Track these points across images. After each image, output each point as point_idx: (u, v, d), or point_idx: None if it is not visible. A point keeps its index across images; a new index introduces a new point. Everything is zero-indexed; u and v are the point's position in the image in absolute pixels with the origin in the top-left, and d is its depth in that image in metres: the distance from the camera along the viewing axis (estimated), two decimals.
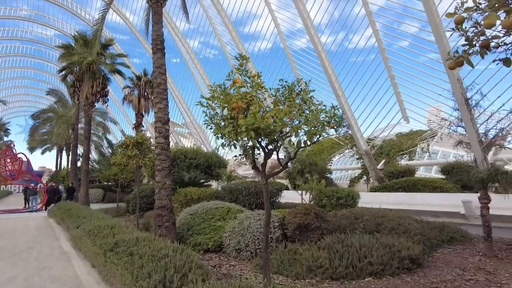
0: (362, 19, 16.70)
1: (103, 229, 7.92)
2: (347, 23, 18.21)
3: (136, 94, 27.77)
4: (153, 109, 27.53)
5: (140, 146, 11.70)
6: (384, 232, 7.84)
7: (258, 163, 5.42)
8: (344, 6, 17.57)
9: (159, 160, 8.40)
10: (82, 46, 21.12)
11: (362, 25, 16.91)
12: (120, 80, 38.85)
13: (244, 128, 4.23)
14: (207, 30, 27.37)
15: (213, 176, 21.08)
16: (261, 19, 22.90)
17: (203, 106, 4.86)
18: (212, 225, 8.71)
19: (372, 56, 17.67)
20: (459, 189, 14.72)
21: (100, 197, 28.93)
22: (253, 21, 23.96)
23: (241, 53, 5.01)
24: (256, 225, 7.31)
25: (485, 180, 7.11)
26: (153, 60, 8.95)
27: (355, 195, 12.10)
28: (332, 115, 4.67)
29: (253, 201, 11.26)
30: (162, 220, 8.01)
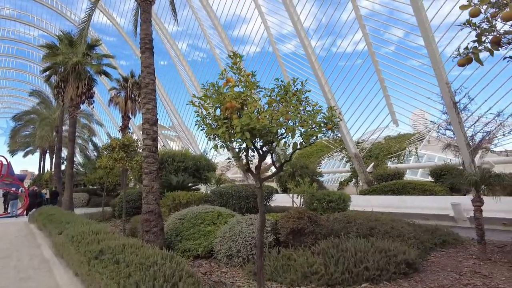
0: (352, 23, 16.78)
1: (87, 235, 7.55)
2: (337, 26, 18.29)
3: (122, 96, 27.23)
4: (141, 110, 27.05)
5: (126, 148, 11.34)
6: (377, 236, 7.74)
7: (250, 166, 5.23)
8: (334, 9, 17.64)
9: (147, 163, 8.09)
10: (67, 46, 20.54)
11: (352, 29, 17.02)
12: (106, 81, 38.13)
13: (239, 128, 4.03)
14: (196, 32, 27.15)
15: (201, 180, 20.73)
16: (250, 22, 22.87)
17: (194, 105, 4.63)
18: (202, 230, 8.43)
19: (362, 59, 17.76)
20: (447, 192, 14.83)
21: (85, 201, 28.13)
22: (242, 24, 23.90)
23: (235, 51, 4.80)
24: (248, 230, 7.08)
25: (479, 182, 7.08)
26: (141, 60, 8.66)
27: (346, 198, 12.01)
28: (329, 116, 4.50)
29: (243, 205, 11.02)
30: (149, 226, 7.69)
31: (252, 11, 22.25)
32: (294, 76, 5.00)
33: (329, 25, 18.77)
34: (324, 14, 18.07)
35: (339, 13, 17.77)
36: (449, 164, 16.02)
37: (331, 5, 17.72)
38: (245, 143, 4.18)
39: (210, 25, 24.67)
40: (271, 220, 7.63)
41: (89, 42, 21.85)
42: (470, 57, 2.62)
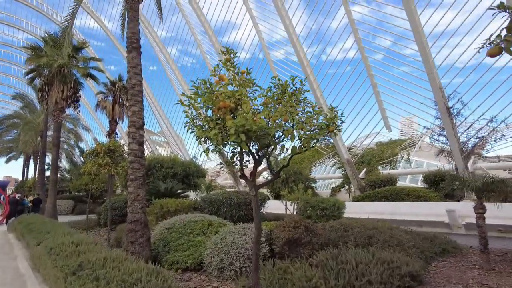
0: (344, 27, 16.65)
1: (66, 247, 6.97)
2: (329, 31, 18.16)
3: (110, 100, 26.58)
4: (127, 113, 26.42)
5: (112, 153, 10.78)
6: (376, 245, 7.38)
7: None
8: (326, 14, 17.51)
9: (132, 169, 7.59)
10: (52, 48, 19.83)
11: (345, 33, 16.88)
12: (93, 85, 37.27)
13: (233, 130, 3.61)
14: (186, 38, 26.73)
15: (191, 186, 20.17)
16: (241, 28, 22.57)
17: (184, 105, 4.21)
18: (191, 240, 7.94)
19: (354, 64, 17.62)
20: (442, 198, 14.67)
21: (69, 209, 27.16)
22: (233, 30, 23.51)
23: (228, 47, 4.40)
24: (240, 241, 6.63)
25: (481, 189, 6.81)
26: (127, 59, 8.20)
27: (340, 206, 11.67)
28: (332, 117, 4.14)
29: (235, 213, 10.56)
30: (135, 236, 7.16)
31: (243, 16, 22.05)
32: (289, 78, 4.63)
33: (321, 31, 18.65)
34: (316, 20, 17.93)
35: (331, 18, 17.68)
36: (442, 170, 15.90)
37: (323, 9, 17.61)
38: (240, 146, 3.77)
39: (201, 31, 24.39)
40: (265, 229, 7.19)
41: (76, 44, 21.25)
42: (501, 47, 2.29)
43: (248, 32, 21.83)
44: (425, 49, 12.99)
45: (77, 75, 21.12)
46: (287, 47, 19.68)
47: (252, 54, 23.85)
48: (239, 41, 23.85)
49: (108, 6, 30.72)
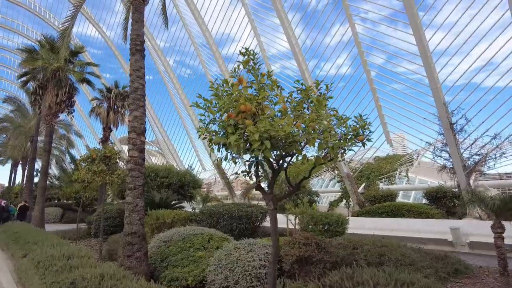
0: (347, 40, 16.62)
1: (57, 260, 6.42)
2: (332, 44, 18.10)
3: (105, 107, 26.06)
4: (121, 121, 25.87)
5: (108, 160, 10.28)
6: (388, 264, 6.98)
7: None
8: (329, 27, 17.49)
9: (132, 177, 7.12)
10: (49, 52, 19.41)
11: (348, 47, 16.82)
12: (88, 91, 36.72)
13: (257, 136, 3.23)
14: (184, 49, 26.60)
15: (186, 197, 19.59)
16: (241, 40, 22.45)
17: (199, 107, 3.82)
18: (191, 255, 7.43)
19: (356, 78, 17.52)
20: (444, 215, 14.39)
21: (58, 217, 26.17)
22: (232, 42, 23.32)
23: (249, 48, 4.06)
24: (247, 258, 6.17)
25: (500, 207, 6.51)
26: (130, 62, 7.82)
27: (344, 221, 11.28)
28: (361, 125, 3.79)
29: (236, 227, 10.06)
30: (132, 250, 6.64)
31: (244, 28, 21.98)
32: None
33: (323, 44, 18.58)
34: (319, 32, 17.88)
35: (334, 31, 17.66)
36: (444, 186, 15.67)
37: (326, 22, 17.59)
38: (264, 154, 3.38)
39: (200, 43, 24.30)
40: (268, 244, 6.73)
41: (73, 48, 20.83)
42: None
43: (249, 43, 21.72)
44: (430, 64, 12.91)
45: (72, 79, 20.64)
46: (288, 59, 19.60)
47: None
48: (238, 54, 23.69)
49: (107, 14, 30.49)
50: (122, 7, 28.13)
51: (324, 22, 17.47)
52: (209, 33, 21.53)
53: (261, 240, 6.90)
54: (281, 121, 3.32)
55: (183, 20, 23.64)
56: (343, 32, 17.02)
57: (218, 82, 3.78)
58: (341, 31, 16.87)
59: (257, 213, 10.53)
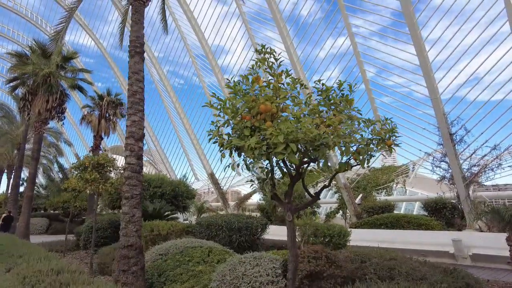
0: (346, 49, 16.58)
1: (45, 276, 5.86)
2: (331, 52, 18.02)
3: (96, 115, 25.53)
4: (113, 128, 25.30)
5: (101, 168, 9.79)
6: (399, 279, 6.63)
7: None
8: (328, 36, 17.46)
9: (129, 186, 6.68)
10: (40, 57, 18.90)
11: (347, 56, 16.78)
12: (79, 99, 36.02)
13: (282, 138, 2.90)
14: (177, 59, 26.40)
15: (179, 208, 19.03)
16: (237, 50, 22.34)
17: (214, 108, 3.47)
18: (190, 269, 6.97)
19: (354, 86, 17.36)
20: (444, 227, 14.18)
21: (44, 228, 25.17)
22: (227, 54, 23.12)
23: (263, 44, 3.76)
24: (253, 273, 5.74)
25: None
26: (129, 65, 7.47)
27: (346, 233, 10.95)
28: (389, 129, 3.49)
29: (235, 239, 9.60)
30: (128, 264, 6.16)
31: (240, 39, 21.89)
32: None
33: (322, 53, 18.53)
34: (316, 42, 17.84)
35: (333, 40, 17.65)
36: (443, 197, 15.51)
37: (325, 32, 17.57)
38: (289, 159, 3.04)
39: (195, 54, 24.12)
40: (279, 259, 6.33)
41: (65, 54, 20.35)
42: None
43: (245, 53, 21.59)
44: (430, 74, 12.87)
45: (64, 86, 20.11)
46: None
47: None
48: (235, 63, 23.55)
49: (100, 23, 30.22)
50: (116, 15, 27.92)
51: (322, 32, 17.48)
52: (206, 41, 21.34)
53: (266, 254, 6.49)
54: (307, 123, 3.00)
55: (179, 28, 23.45)
56: (341, 43, 17.05)
57: (235, 80, 3.45)
58: (339, 42, 16.92)
59: (257, 224, 10.11)
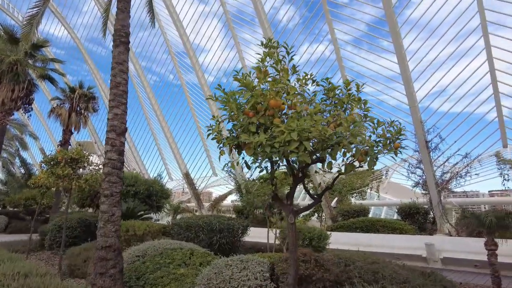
0: (329, 54, 16.79)
1: (10, 280, 5.34)
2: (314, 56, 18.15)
3: (67, 108, 24.21)
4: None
5: (75, 164, 9.18)
6: (383, 282, 6.67)
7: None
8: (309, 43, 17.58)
9: (109, 183, 6.26)
10: (6, 42, 17.64)
11: (329, 61, 16.99)
12: (47, 90, 34.07)
13: (296, 135, 2.73)
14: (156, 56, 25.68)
15: (153, 207, 18.39)
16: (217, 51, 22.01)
17: (220, 101, 3.25)
18: (171, 272, 6.63)
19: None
20: (417, 231, 14.64)
21: (2, 226, 23.44)
22: (209, 52, 22.72)
23: (270, 38, 3.59)
24: (241, 276, 5.53)
25: (496, 224, 6.49)
26: (113, 55, 7.06)
27: (326, 236, 11.00)
28: (397, 131, 3.43)
29: (216, 241, 9.32)
30: (106, 266, 5.75)
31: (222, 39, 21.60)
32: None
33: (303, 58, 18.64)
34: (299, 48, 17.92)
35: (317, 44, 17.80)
36: (416, 203, 16.04)
37: (307, 37, 17.71)
38: (301, 158, 2.87)
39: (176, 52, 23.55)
40: (266, 263, 6.16)
41: (35, 41, 19.13)
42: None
43: (227, 53, 21.23)
44: (410, 83, 13.26)
45: (32, 75, 18.90)
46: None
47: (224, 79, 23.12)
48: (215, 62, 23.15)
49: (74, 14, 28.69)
50: (91, 6, 26.68)
51: (305, 36, 17.61)
52: (187, 37, 20.86)
53: (253, 256, 6.30)
54: (320, 121, 2.86)
55: (160, 22, 22.78)
56: (324, 48, 17.23)
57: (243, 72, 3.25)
58: (322, 47, 17.11)
59: (238, 226, 9.89)
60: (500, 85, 12.80)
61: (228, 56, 21.44)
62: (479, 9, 12.31)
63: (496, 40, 12.42)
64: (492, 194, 29.71)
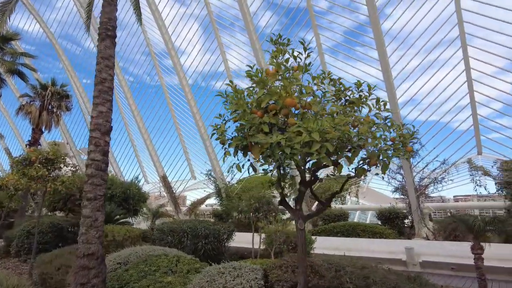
0: (314, 59, 16.87)
1: None
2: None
3: (37, 105, 22.97)
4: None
5: (50, 164, 8.58)
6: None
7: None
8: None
9: (92, 185, 5.83)
10: None
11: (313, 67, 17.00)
12: (15, 87, 32.17)
13: (317, 136, 2.56)
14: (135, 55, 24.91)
15: (130, 211, 17.66)
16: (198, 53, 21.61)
17: (231, 98, 3.03)
18: (158, 281, 6.26)
19: None
20: (396, 235, 14.89)
21: None
22: (190, 54, 22.25)
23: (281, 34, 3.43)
24: (235, 285, 5.28)
25: (483, 228, 6.63)
26: (99, 49, 6.63)
27: (311, 241, 10.90)
28: (410, 134, 3.35)
29: (201, 247, 8.98)
30: (88, 276, 5.31)
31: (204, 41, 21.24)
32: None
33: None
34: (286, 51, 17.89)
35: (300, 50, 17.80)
36: (395, 207, 16.37)
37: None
38: (323, 161, 2.70)
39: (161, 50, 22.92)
40: (259, 269, 5.94)
41: (4, 33, 17.99)
42: None
43: (215, 59, 20.79)
44: (392, 90, 13.55)
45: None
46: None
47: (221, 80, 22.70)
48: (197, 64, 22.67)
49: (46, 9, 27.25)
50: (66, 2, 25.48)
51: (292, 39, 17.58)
52: (169, 37, 20.34)
53: (245, 263, 6.07)
54: (343, 121, 2.71)
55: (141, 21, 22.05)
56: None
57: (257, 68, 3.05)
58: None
59: (224, 231, 9.60)
60: (477, 95, 13.36)
61: (210, 59, 21.15)
62: (459, 21, 12.81)
63: (473, 51, 12.98)
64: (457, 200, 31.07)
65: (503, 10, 11.63)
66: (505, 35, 11.99)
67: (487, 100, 13.49)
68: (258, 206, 10.33)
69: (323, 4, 16.00)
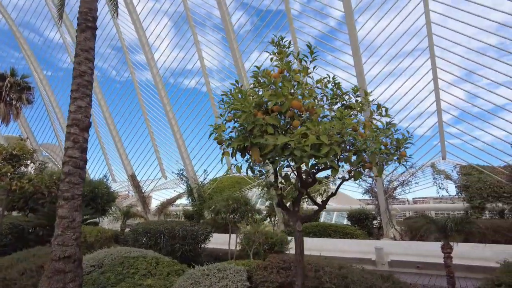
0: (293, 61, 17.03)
1: None
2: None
3: None
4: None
5: (16, 161, 8.01)
6: (353, 287, 6.85)
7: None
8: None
9: (69, 184, 5.51)
10: None
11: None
12: None
13: (326, 138, 2.60)
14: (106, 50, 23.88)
15: (98, 211, 16.90)
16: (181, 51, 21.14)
17: (236, 98, 2.98)
18: (137, 284, 6.05)
19: None
20: (366, 236, 15.44)
21: None
22: (164, 51, 21.70)
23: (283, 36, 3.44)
24: (221, 287, 5.22)
25: (453, 228, 7.04)
26: (78, 40, 6.29)
27: (287, 241, 11.04)
28: (404, 139, 3.48)
29: (178, 248, 8.77)
30: (64, 280, 5.00)
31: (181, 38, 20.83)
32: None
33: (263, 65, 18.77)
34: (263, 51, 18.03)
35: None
36: (365, 209, 16.99)
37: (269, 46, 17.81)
38: (332, 164, 2.74)
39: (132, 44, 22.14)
40: (244, 270, 5.91)
41: None
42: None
43: (191, 57, 20.39)
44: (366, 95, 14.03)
45: None
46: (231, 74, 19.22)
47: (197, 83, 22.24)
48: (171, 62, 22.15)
49: None
50: None
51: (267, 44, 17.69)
52: (143, 31, 19.71)
53: (229, 265, 6.01)
54: (350, 125, 2.77)
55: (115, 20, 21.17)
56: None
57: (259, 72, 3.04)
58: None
59: (202, 232, 9.45)
60: (443, 103, 14.22)
61: (185, 56, 20.76)
62: (428, 33, 13.55)
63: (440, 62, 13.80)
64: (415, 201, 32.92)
65: (470, 26, 12.49)
66: (470, 49, 12.89)
67: (451, 107, 14.45)
68: (236, 207, 10.26)
69: (297, 7, 16.28)
